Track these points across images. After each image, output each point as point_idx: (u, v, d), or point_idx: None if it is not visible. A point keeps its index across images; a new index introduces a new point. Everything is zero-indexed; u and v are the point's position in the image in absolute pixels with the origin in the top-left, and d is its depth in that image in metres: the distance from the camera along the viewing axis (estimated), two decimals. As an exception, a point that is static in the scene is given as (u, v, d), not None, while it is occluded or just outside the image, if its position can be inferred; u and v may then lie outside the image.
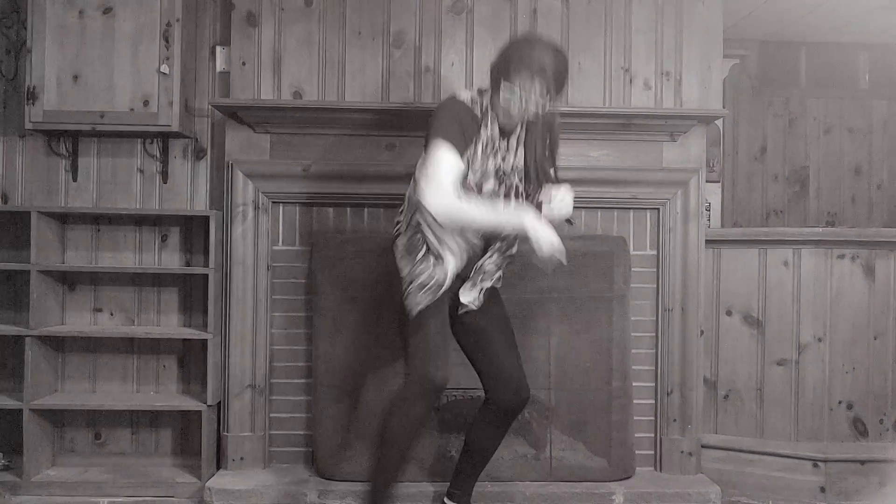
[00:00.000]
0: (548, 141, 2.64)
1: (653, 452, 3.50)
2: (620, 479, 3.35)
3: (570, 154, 3.42)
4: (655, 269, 3.49)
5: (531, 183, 2.66)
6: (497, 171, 2.57)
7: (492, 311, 2.74)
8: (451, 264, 2.55)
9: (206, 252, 3.54)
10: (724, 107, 3.64)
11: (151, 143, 3.64)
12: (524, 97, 2.47)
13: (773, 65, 5.43)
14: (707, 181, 3.63)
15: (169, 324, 3.65)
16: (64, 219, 3.60)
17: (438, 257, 2.53)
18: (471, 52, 3.49)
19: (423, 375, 2.53)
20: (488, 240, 2.65)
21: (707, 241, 3.51)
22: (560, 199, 2.64)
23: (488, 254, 2.66)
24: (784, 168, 5.39)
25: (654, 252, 3.50)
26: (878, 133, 5.43)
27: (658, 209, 3.49)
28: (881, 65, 5.47)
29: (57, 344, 3.57)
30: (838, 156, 5.43)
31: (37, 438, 3.42)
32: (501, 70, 2.50)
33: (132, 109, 3.41)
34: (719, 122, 4.55)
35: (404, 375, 2.63)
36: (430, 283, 2.52)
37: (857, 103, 5.44)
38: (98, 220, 3.63)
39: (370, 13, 3.47)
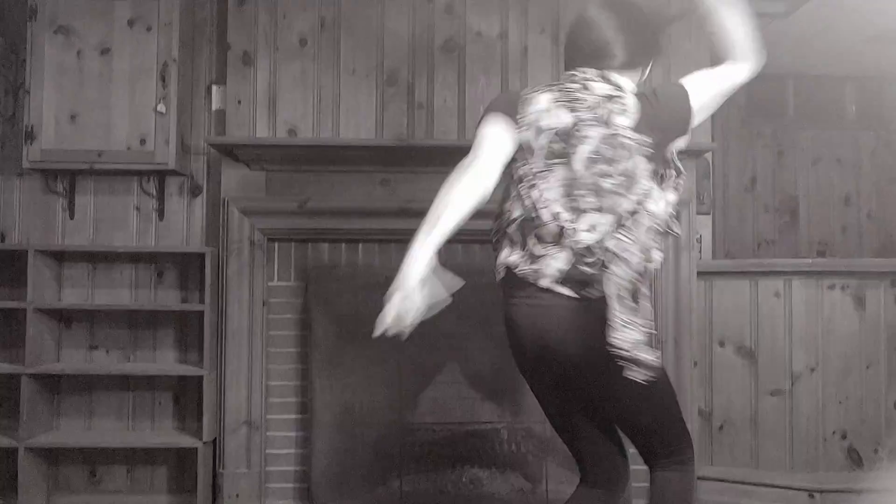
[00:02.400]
0: None
1: (648, 485, 3.48)
2: (617, 512, 3.34)
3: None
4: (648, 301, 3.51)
5: None
6: None
7: None
8: None
9: (201, 289, 3.55)
10: (712, 140, 3.70)
11: (148, 181, 3.67)
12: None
13: (761, 97, 5.49)
14: (698, 213, 3.68)
15: (164, 361, 3.66)
16: (60, 257, 3.62)
17: None
18: (463, 89, 3.54)
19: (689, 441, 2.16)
20: None
21: (699, 273, 3.54)
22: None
23: None
24: (774, 199, 5.44)
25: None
26: (867, 163, 5.49)
27: (650, 242, 3.52)
28: (867, 96, 5.54)
29: (52, 382, 3.57)
30: (828, 186, 5.48)
31: (32, 477, 3.41)
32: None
33: (129, 148, 3.45)
34: (709, 155, 4.59)
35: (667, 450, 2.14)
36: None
37: (844, 134, 5.50)
38: (94, 258, 3.64)
39: (364, 52, 3.53)
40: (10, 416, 3.54)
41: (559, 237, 1.89)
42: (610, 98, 1.93)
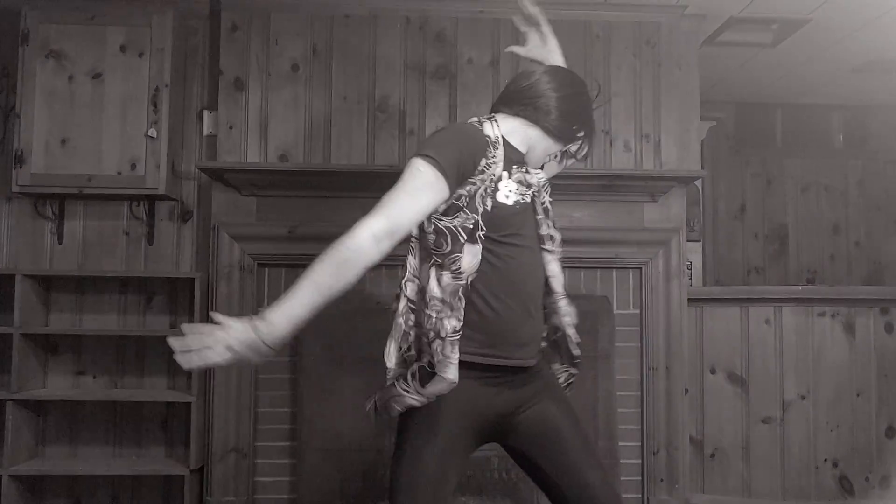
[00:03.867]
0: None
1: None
2: (608, 541, 3.31)
3: (553, 215, 3.47)
4: (639, 328, 3.51)
5: None
6: None
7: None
8: None
9: (191, 314, 3.53)
10: (702, 167, 3.73)
11: (138, 205, 3.66)
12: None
13: (750, 126, 5.55)
14: (688, 240, 3.69)
15: (152, 387, 3.62)
16: (48, 282, 3.59)
17: None
18: (454, 115, 3.55)
19: None
20: None
21: (689, 300, 3.55)
22: None
23: None
24: (763, 226, 5.47)
25: (638, 311, 3.53)
26: (854, 191, 5.54)
27: (640, 268, 3.53)
28: (854, 125, 5.60)
29: (38, 408, 3.53)
30: (816, 214, 5.52)
31: (15, 505, 3.36)
32: None
33: (119, 173, 3.44)
34: (698, 183, 4.63)
35: None
36: None
37: (832, 163, 5.56)
38: (83, 283, 3.62)
39: (356, 78, 3.55)
40: (-6, 442, 3.50)
41: None
42: None
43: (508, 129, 1.94)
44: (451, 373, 1.73)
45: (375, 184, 3.35)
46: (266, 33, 3.53)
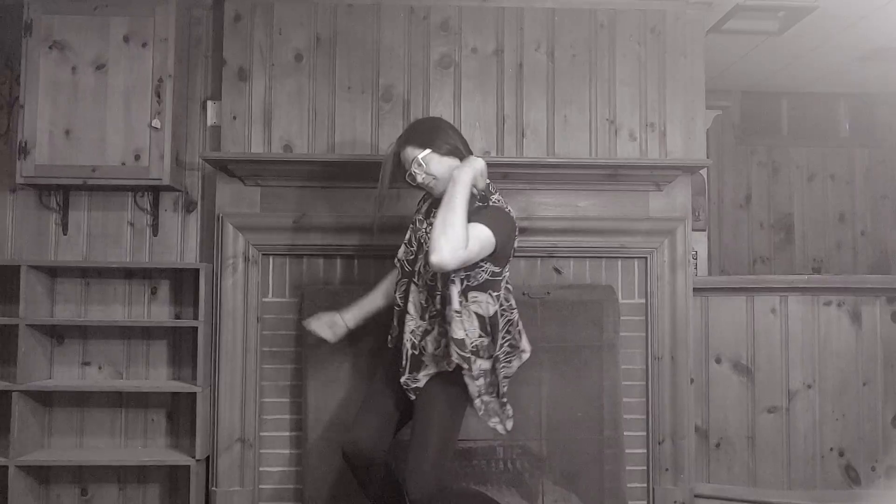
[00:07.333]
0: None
1: (645, 502, 3.47)
2: (614, 531, 3.31)
3: (558, 204, 3.47)
4: (644, 318, 3.51)
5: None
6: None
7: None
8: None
9: (195, 304, 3.53)
10: (707, 156, 3.71)
11: (142, 196, 3.66)
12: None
13: (756, 115, 5.52)
14: (693, 229, 3.68)
15: (158, 377, 3.63)
16: (53, 272, 3.60)
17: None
18: (458, 105, 3.54)
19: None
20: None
21: (695, 289, 3.54)
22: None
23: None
24: (769, 216, 5.45)
25: (643, 300, 3.52)
26: (860, 180, 5.52)
27: (646, 258, 3.52)
28: (860, 114, 5.58)
29: (44, 398, 3.54)
30: (822, 203, 5.50)
31: (22, 495, 3.37)
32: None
33: (124, 163, 3.43)
34: (704, 172, 4.61)
35: None
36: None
37: (838, 151, 5.53)
38: (87, 274, 3.62)
39: (359, 68, 3.54)
40: (0, 433, 3.51)
41: None
42: None
43: None
44: None
45: (379, 173, 3.38)
46: (269, 23, 3.52)
